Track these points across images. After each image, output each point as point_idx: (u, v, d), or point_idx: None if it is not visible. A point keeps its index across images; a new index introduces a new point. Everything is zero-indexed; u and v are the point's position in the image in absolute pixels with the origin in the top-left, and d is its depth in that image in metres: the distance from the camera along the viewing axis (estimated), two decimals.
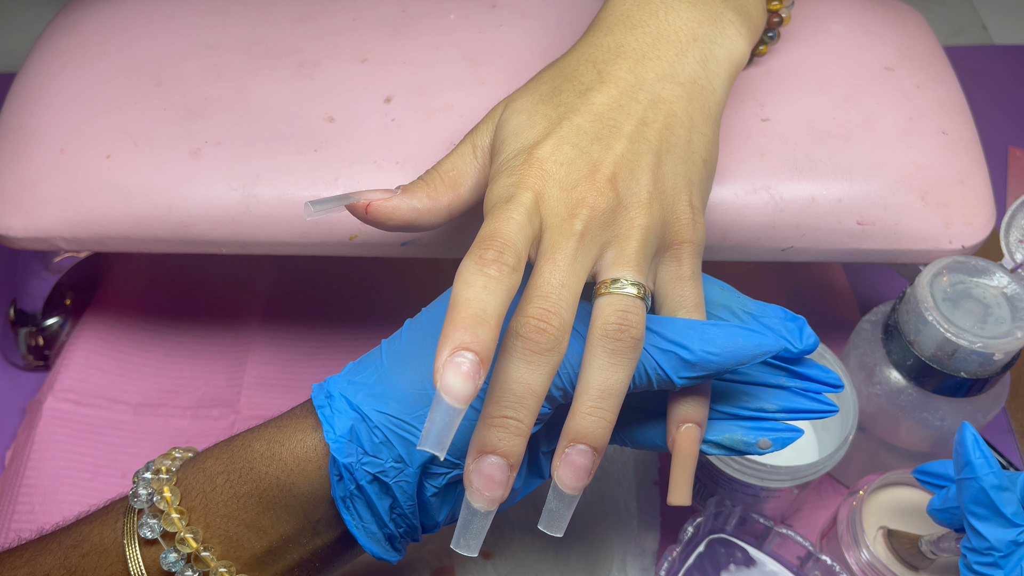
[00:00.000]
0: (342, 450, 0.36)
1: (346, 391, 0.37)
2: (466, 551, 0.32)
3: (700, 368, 0.35)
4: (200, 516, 0.37)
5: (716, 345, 0.35)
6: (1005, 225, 0.48)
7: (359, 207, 0.39)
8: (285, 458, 0.37)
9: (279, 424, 0.38)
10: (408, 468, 0.36)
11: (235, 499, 0.37)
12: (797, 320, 0.38)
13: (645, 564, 0.52)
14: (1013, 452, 0.59)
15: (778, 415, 0.39)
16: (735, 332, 0.35)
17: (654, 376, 0.35)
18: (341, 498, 0.37)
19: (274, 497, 0.37)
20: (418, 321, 0.38)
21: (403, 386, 0.36)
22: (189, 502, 0.37)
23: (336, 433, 0.36)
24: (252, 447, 0.38)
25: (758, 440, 0.38)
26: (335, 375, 0.38)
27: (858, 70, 0.51)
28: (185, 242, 0.49)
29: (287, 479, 0.37)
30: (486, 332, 0.30)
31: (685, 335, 0.35)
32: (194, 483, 0.37)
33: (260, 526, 0.37)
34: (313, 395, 0.38)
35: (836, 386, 0.39)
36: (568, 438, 0.34)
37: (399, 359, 0.37)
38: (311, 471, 0.37)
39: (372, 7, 0.54)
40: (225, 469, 0.37)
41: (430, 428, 0.29)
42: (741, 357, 0.35)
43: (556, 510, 0.34)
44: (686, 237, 0.38)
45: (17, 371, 0.62)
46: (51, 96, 0.51)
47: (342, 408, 0.37)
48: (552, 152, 0.37)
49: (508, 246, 0.33)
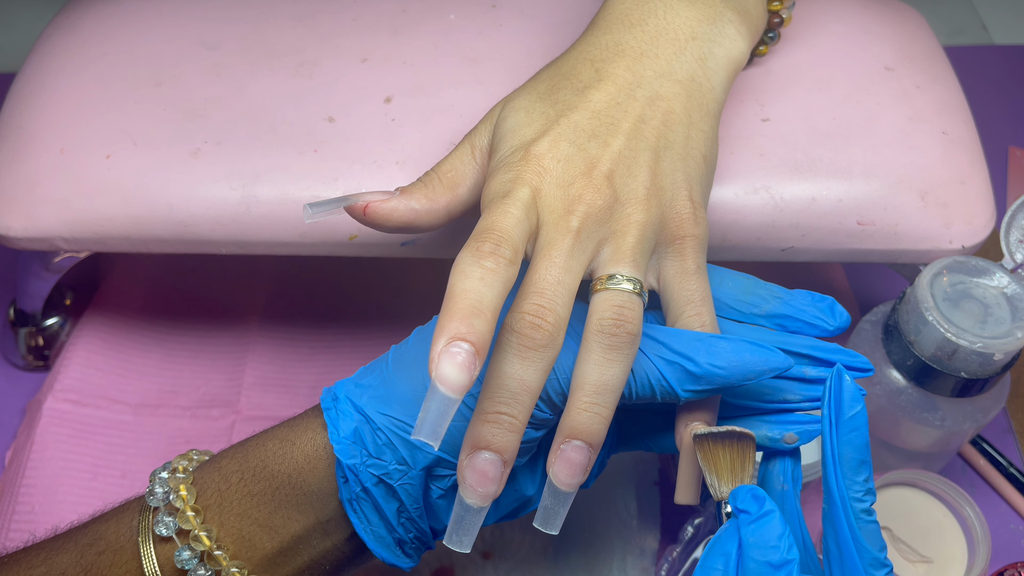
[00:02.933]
0: (346, 451, 0.36)
1: (352, 394, 0.37)
2: (458, 547, 0.32)
3: (705, 382, 0.34)
4: (215, 515, 0.37)
5: (723, 359, 0.34)
6: (1005, 225, 0.48)
7: (357, 209, 0.39)
8: (296, 456, 0.37)
9: (291, 424, 0.39)
10: (412, 470, 0.36)
11: (248, 497, 0.37)
12: (826, 300, 0.38)
13: (645, 564, 0.52)
14: (1013, 452, 0.59)
15: (803, 404, 0.37)
16: (743, 348, 0.35)
17: (657, 387, 0.35)
18: (348, 500, 0.37)
19: (286, 495, 0.37)
20: (427, 328, 0.39)
21: (405, 388, 0.36)
22: (204, 500, 0.37)
23: (340, 434, 0.36)
24: (266, 446, 0.38)
25: (784, 435, 0.37)
26: (344, 379, 0.38)
27: (858, 70, 0.51)
28: (185, 242, 0.49)
29: (298, 476, 0.37)
30: (482, 323, 0.30)
31: (692, 347, 0.35)
32: (210, 482, 0.37)
33: (272, 525, 0.37)
34: (322, 396, 0.38)
35: (866, 370, 0.37)
36: (564, 434, 0.33)
37: (402, 363, 0.37)
38: (321, 469, 0.37)
39: (372, 7, 0.54)
40: (240, 468, 0.38)
41: (424, 418, 0.29)
42: (748, 373, 0.34)
43: (551, 507, 0.33)
44: (688, 231, 0.37)
45: (17, 371, 0.62)
46: (51, 96, 0.51)
47: (346, 410, 0.37)
48: (550, 149, 0.37)
49: (505, 239, 0.33)
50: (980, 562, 0.48)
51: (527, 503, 0.39)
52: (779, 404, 0.38)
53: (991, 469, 0.57)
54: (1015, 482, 0.57)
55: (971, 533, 0.50)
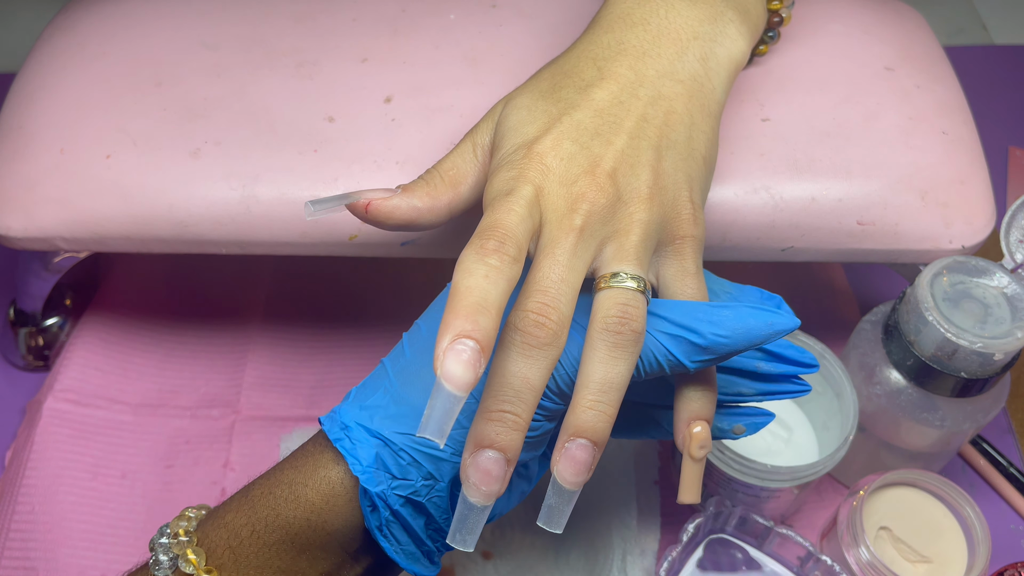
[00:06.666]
0: (372, 480, 0.35)
1: (361, 419, 0.36)
2: (462, 546, 0.32)
3: (711, 352, 0.35)
4: (231, 573, 0.36)
5: (726, 328, 0.34)
6: (1005, 225, 0.48)
7: (359, 206, 0.38)
8: (312, 498, 0.36)
9: (295, 465, 0.37)
10: (439, 483, 0.36)
11: (266, 548, 0.36)
12: (774, 299, 0.38)
13: (645, 564, 0.52)
14: (1013, 452, 0.59)
15: (755, 398, 0.39)
16: (745, 314, 0.35)
17: (665, 362, 0.35)
18: (376, 527, 0.36)
19: (307, 539, 0.36)
20: (418, 335, 0.38)
21: (419, 403, 0.36)
22: (216, 560, 0.36)
23: (363, 464, 0.35)
24: (274, 494, 0.37)
25: (732, 427, 0.39)
26: (341, 405, 0.37)
27: (858, 70, 0.51)
28: (185, 242, 0.49)
29: (317, 519, 0.36)
30: (487, 320, 0.30)
31: (694, 319, 0.35)
32: (218, 540, 0.36)
33: (297, 569, 0.36)
34: (325, 428, 0.37)
35: (811, 366, 0.38)
36: (568, 432, 0.33)
37: (408, 376, 0.37)
38: (341, 505, 0.36)
39: (372, 7, 0.54)
40: (249, 521, 0.36)
41: (430, 415, 0.29)
42: (753, 338, 0.35)
43: (556, 506, 0.33)
44: (688, 232, 0.38)
45: (17, 371, 0.62)
46: (51, 96, 0.51)
47: (362, 437, 0.36)
48: (552, 147, 0.36)
49: (509, 236, 0.32)
50: (980, 562, 0.48)
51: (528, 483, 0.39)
52: (733, 397, 0.39)
53: (991, 469, 0.57)
54: (1015, 482, 0.57)
55: (971, 533, 0.50)
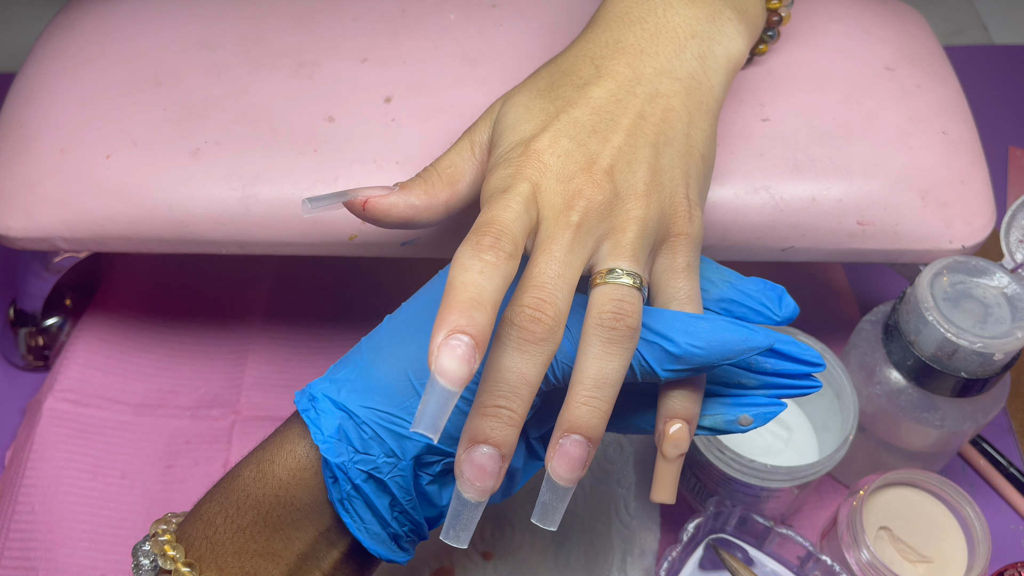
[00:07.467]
0: (332, 450, 0.35)
1: (328, 391, 0.36)
2: (455, 542, 0.32)
3: (684, 362, 0.34)
4: (210, 563, 0.36)
5: (702, 339, 0.34)
6: (1005, 225, 0.48)
7: (357, 204, 0.38)
8: (278, 474, 0.36)
9: (264, 446, 0.38)
10: (401, 461, 0.35)
11: (240, 532, 0.36)
12: (777, 289, 0.38)
13: (645, 564, 0.52)
14: (1013, 452, 0.59)
15: (760, 391, 0.38)
16: (722, 327, 0.35)
17: (637, 368, 0.35)
18: (339, 500, 0.36)
19: (279, 517, 0.36)
20: (397, 315, 0.38)
21: (387, 378, 0.36)
22: (195, 553, 0.36)
23: (324, 433, 0.35)
24: (241, 475, 0.37)
25: (739, 417, 0.38)
26: (316, 379, 0.38)
27: (858, 70, 0.51)
28: (185, 242, 0.49)
29: (286, 494, 0.36)
30: (482, 316, 0.30)
31: (670, 327, 0.35)
32: (195, 533, 0.36)
33: (273, 551, 0.36)
34: (296, 401, 0.37)
35: (817, 365, 0.37)
36: (563, 428, 0.33)
37: (379, 352, 0.37)
38: (308, 478, 0.36)
39: (372, 7, 0.54)
40: (222, 508, 0.36)
41: (424, 411, 0.29)
42: (727, 352, 0.34)
43: (550, 502, 0.33)
44: (682, 230, 0.37)
45: (17, 371, 0.62)
46: (51, 96, 0.51)
47: (327, 408, 0.36)
48: (549, 144, 0.36)
49: (505, 233, 0.32)
50: (980, 562, 0.48)
51: (514, 480, 0.39)
52: (734, 388, 0.38)
53: (991, 469, 0.57)
54: (1015, 482, 0.57)
55: (971, 533, 0.50)
